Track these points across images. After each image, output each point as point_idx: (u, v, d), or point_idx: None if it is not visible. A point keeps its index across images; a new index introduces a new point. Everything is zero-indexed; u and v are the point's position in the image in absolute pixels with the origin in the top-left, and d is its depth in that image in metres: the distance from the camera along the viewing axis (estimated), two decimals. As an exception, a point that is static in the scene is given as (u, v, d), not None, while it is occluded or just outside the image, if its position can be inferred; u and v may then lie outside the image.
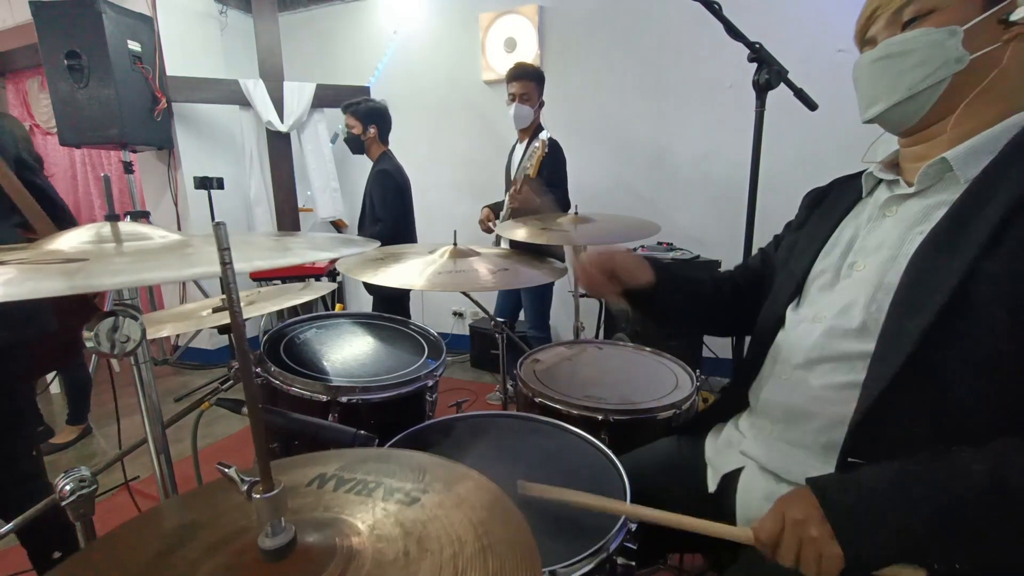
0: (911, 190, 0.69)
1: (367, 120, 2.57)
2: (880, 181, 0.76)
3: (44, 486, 1.33)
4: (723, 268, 2.42)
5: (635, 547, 0.70)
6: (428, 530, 0.46)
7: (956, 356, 0.58)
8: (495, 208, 2.50)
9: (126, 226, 0.66)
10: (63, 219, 1.54)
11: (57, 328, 1.31)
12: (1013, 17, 0.61)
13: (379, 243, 0.98)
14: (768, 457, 0.75)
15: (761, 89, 1.38)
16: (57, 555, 1.29)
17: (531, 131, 2.40)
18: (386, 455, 0.61)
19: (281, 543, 0.43)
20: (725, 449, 0.83)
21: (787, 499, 0.61)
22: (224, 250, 0.38)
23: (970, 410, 0.58)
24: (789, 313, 0.79)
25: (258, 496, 0.43)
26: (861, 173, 0.81)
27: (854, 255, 0.73)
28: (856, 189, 0.80)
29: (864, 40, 0.73)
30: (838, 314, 0.70)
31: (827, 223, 0.80)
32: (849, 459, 0.63)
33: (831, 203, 0.84)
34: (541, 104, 2.39)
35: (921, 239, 0.64)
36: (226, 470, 0.46)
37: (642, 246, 2.57)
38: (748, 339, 0.89)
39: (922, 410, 0.60)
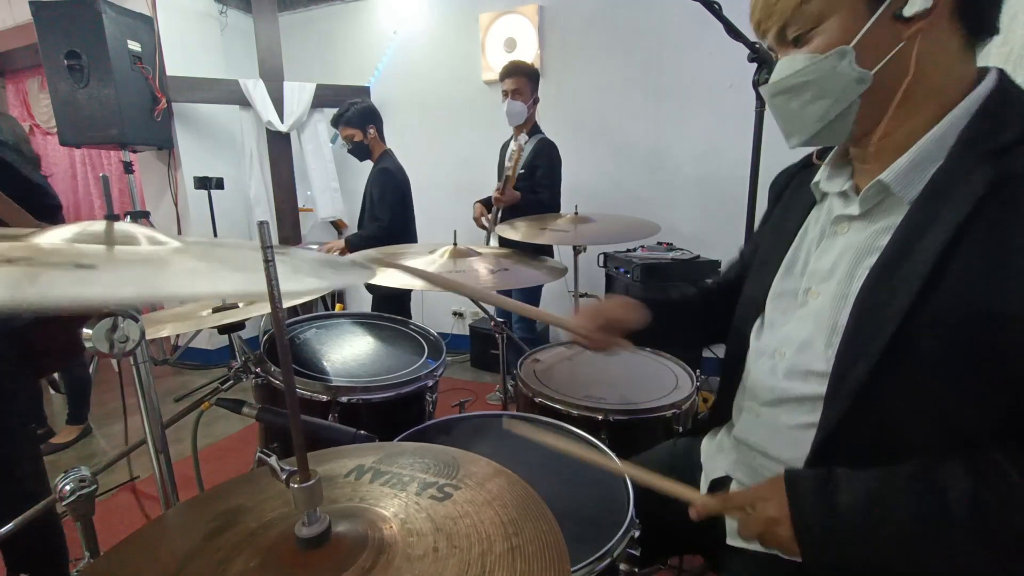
0: (857, 211, 0.64)
1: (363, 123, 2.56)
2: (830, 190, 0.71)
3: (44, 490, 1.30)
4: (723, 268, 2.41)
5: (638, 552, 0.70)
6: (458, 527, 0.47)
7: (900, 397, 0.56)
8: (487, 203, 2.51)
9: (122, 226, 0.65)
10: (33, 198, 1.50)
11: (53, 325, 1.29)
12: (907, 12, 0.54)
13: (378, 246, 0.98)
14: (748, 479, 0.75)
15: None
16: None
17: (527, 128, 2.40)
18: (423, 449, 0.61)
19: (316, 532, 0.45)
20: (716, 454, 0.84)
21: (764, 493, 0.61)
22: (267, 248, 0.39)
23: (918, 448, 0.56)
24: (753, 339, 0.78)
25: (296, 485, 0.44)
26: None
27: (807, 279, 0.69)
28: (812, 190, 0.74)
29: (768, 46, 0.67)
30: (797, 351, 0.67)
31: (783, 235, 0.76)
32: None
33: (787, 203, 0.80)
34: (536, 100, 2.39)
35: (867, 274, 0.60)
36: (268, 459, 0.48)
37: (642, 246, 2.57)
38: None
39: (871, 449, 0.59)
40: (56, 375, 2.62)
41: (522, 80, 2.32)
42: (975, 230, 0.52)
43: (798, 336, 0.68)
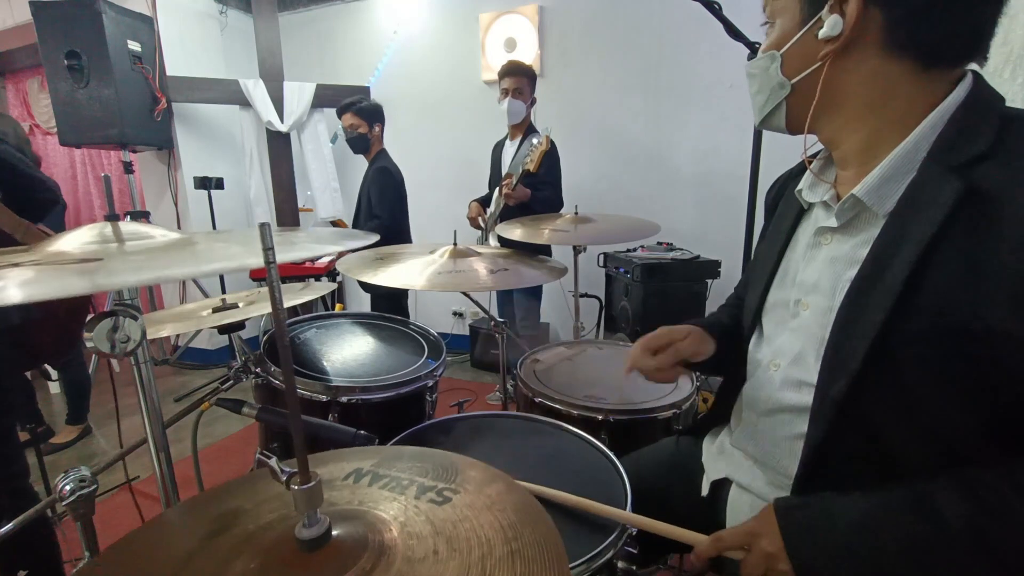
0: (836, 224, 0.64)
1: (373, 119, 2.59)
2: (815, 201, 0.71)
3: (27, 490, 1.30)
4: (723, 268, 2.42)
5: (636, 551, 0.70)
6: (458, 530, 0.47)
7: (882, 410, 0.56)
8: (483, 202, 2.50)
9: (127, 226, 0.66)
10: (30, 191, 1.50)
11: (48, 323, 1.29)
12: (821, 34, 0.57)
13: (378, 236, 0.99)
14: (749, 483, 0.75)
15: (761, 89, 1.38)
16: (23, 574, 1.25)
17: (523, 128, 2.42)
18: (421, 454, 0.62)
19: (316, 534, 0.45)
20: (718, 455, 0.84)
21: (759, 528, 0.61)
22: (268, 249, 0.39)
23: (901, 455, 0.56)
24: (751, 349, 0.78)
25: (296, 487, 0.44)
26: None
27: (798, 290, 0.70)
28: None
29: None
30: (791, 363, 0.68)
31: (775, 244, 0.77)
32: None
33: (781, 211, 0.80)
34: (533, 101, 2.42)
35: (848, 287, 0.60)
36: (268, 461, 0.48)
37: (642, 246, 2.57)
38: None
39: (860, 460, 0.59)
40: (48, 368, 2.62)
41: (523, 80, 2.34)
42: (948, 245, 0.52)
43: (791, 348, 0.68)
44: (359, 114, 2.57)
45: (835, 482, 0.59)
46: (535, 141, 2.11)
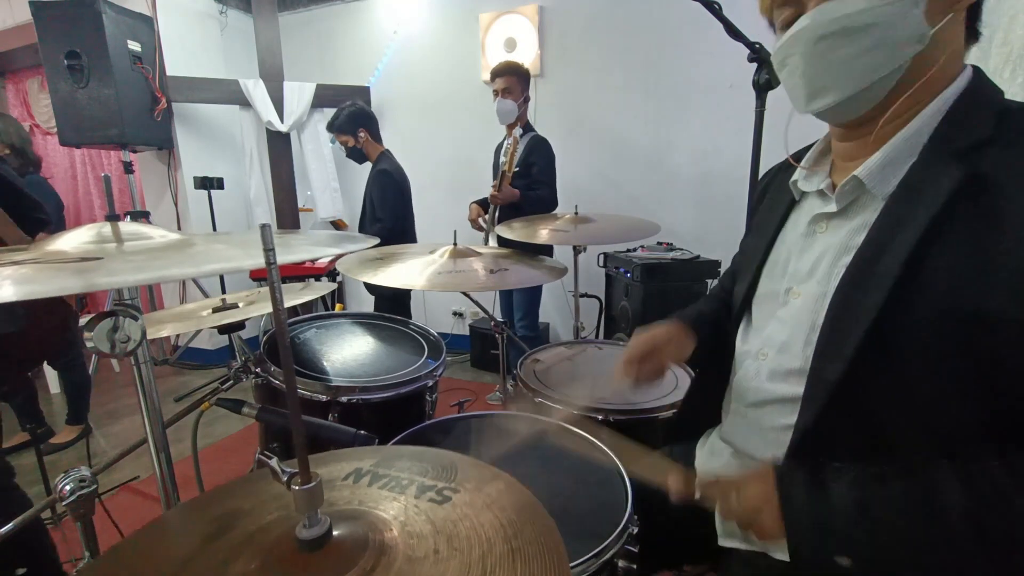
0: (834, 208, 0.63)
1: (352, 127, 2.55)
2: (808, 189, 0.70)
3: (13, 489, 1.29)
4: (723, 268, 2.42)
5: (636, 549, 0.70)
6: (458, 529, 0.47)
7: (877, 396, 0.56)
8: (483, 204, 2.51)
9: (127, 226, 0.66)
10: (31, 211, 1.53)
11: (25, 327, 1.29)
12: None
13: (379, 239, 0.99)
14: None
15: (761, 89, 1.38)
16: (21, 572, 1.24)
17: (517, 127, 2.42)
18: (420, 453, 0.62)
19: (317, 534, 0.45)
20: (709, 457, 0.84)
21: (751, 478, 0.60)
22: (269, 250, 0.39)
23: (899, 449, 0.56)
24: (739, 341, 0.77)
25: (297, 487, 0.44)
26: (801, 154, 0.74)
27: (789, 279, 0.69)
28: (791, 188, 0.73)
29: (782, 4, 0.60)
30: (778, 352, 0.67)
31: (765, 235, 0.76)
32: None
33: (770, 203, 0.79)
34: (526, 99, 2.42)
35: (843, 272, 0.59)
36: (268, 461, 0.48)
37: (642, 246, 2.57)
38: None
39: (851, 450, 0.58)
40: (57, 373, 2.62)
41: (512, 79, 2.35)
42: (951, 230, 0.52)
43: (779, 337, 0.68)
44: (340, 131, 2.55)
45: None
46: (508, 142, 2.12)
